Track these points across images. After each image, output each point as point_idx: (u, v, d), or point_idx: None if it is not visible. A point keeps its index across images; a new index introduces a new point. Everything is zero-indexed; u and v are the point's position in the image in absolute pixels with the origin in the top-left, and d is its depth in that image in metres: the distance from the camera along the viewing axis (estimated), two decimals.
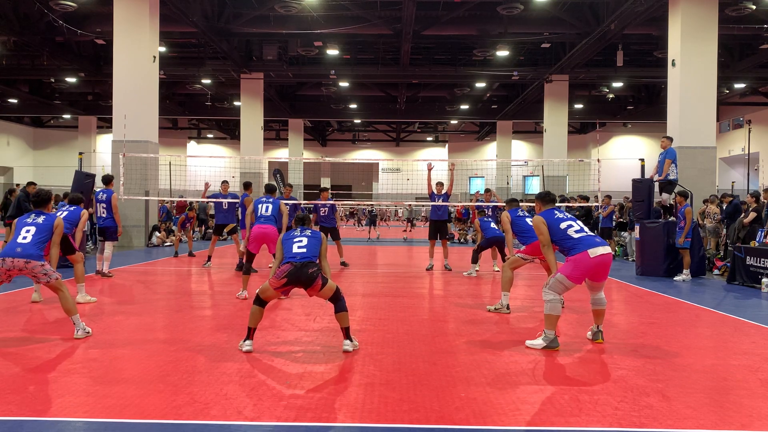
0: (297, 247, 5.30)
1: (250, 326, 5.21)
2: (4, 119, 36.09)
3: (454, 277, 10.93)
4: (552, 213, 5.70)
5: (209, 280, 10.30)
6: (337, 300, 5.24)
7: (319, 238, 5.43)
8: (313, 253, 5.28)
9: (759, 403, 4.01)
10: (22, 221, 5.66)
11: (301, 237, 5.39)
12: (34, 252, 5.39)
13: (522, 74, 24.17)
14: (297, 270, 5.09)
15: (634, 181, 12.20)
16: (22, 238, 5.45)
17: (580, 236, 5.46)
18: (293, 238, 5.40)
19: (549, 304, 5.39)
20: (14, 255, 5.32)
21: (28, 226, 5.55)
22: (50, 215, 5.75)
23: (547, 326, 5.40)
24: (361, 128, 43.21)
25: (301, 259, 5.16)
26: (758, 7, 16.29)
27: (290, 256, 5.21)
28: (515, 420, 3.64)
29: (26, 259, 5.33)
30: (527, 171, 38.23)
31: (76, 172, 12.56)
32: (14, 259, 5.30)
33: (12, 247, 5.38)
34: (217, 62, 23.71)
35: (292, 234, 5.47)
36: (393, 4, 18.44)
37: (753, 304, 8.27)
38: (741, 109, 31.94)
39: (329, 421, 3.60)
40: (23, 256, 5.33)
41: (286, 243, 5.39)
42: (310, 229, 5.59)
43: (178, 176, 22.97)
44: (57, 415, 3.62)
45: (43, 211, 5.82)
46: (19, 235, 5.49)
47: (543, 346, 5.37)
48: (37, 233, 5.52)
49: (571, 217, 5.75)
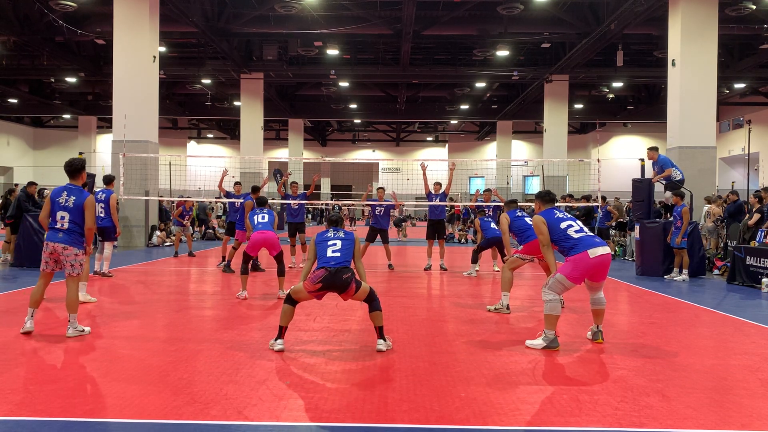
0: (331, 252, 5.34)
1: (281, 325, 5.24)
2: (4, 119, 36.07)
3: (453, 277, 10.93)
4: (552, 212, 5.71)
5: (210, 280, 10.29)
6: (371, 300, 5.34)
7: (352, 240, 5.47)
8: (347, 257, 5.34)
9: (759, 403, 4.01)
10: (56, 201, 5.70)
11: (335, 240, 5.42)
12: (72, 239, 5.65)
13: (522, 74, 24.16)
14: (331, 276, 5.15)
15: (634, 181, 12.20)
16: (60, 225, 5.64)
17: (579, 236, 5.47)
18: (327, 240, 5.43)
19: (549, 304, 5.41)
20: (56, 240, 5.62)
21: (61, 211, 5.66)
22: (81, 194, 5.75)
23: (547, 326, 5.41)
24: (361, 128, 43.20)
25: (335, 265, 5.21)
26: (758, 7, 16.28)
27: (324, 261, 5.26)
28: (515, 420, 3.64)
29: (64, 245, 5.61)
30: (527, 171, 38.20)
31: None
32: (55, 244, 5.61)
33: (54, 233, 5.64)
34: (217, 62, 23.70)
35: (326, 236, 5.50)
36: (393, 4, 18.43)
37: (753, 304, 8.27)
38: (741, 109, 31.92)
39: (329, 421, 3.60)
40: (63, 241, 5.62)
41: (320, 245, 5.43)
42: (343, 230, 5.63)
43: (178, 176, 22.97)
44: (57, 415, 3.62)
45: (76, 186, 5.82)
46: (56, 221, 5.65)
47: (543, 346, 5.39)
48: (71, 219, 5.66)
49: (570, 216, 5.76)
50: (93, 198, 5.87)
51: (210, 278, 10.47)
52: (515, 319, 6.86)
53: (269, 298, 8.17)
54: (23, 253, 11.26)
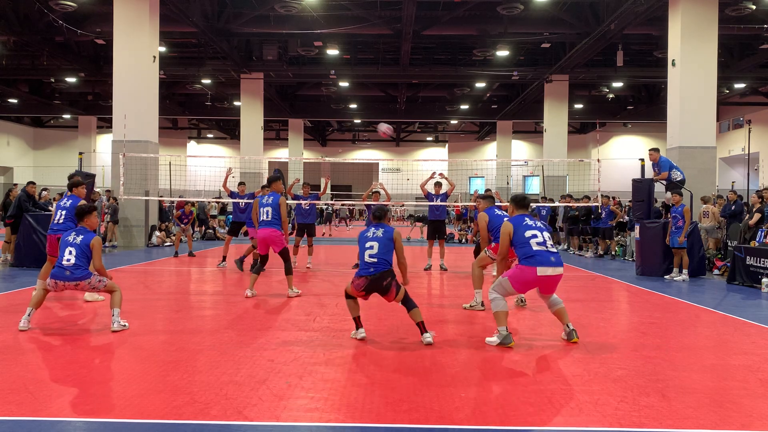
0: (368, 256, 5.47)
1: (354, 316, 5.69)
2: (4, 119, 36.05)
3: (453, 277, 10.93)
4: (522, 218, 5.74)
5: (210, 280, 10.30)
6: (407, 302, 5.53)
7: (391, 238, 5.52)
8: (386, 258, 5.46)
9: (759, 403, 4.01)
10: (65, 240, 5.95)
11: (372, 242, 5.48)
12: (79, 274, 5.81)
13: (522, 74, 24.16)
14: (371, 284, 5.44)
15: (635, 181, 12.20)
16: (67, 260, 5.81)
17: (537, 249, 5.49)
18: (366, 240, 5.53)
19: (493, 302, 5.54)
20: (64, 278, 5.79)
21: (70, 247, 5.87)
22: (88, 235, 5.97)
23: (498, 324, 5.49)
24: (361, 128, 43.20)
25: (373, 272, 5.41)
26: (758, 7, 16.28)
27: (364, 268, 5.45)
28: (515, 420, 3.64)
29: (75, 282, 5.81)
30: (527, 171, 38.21)
31: (76, 172, 12.56)
32: (65, 282, 5.81)
33: (61, 271, 5.80)
34: (217, 62, 23.70)
35: (366, 234, 5.61)
36: (393, 4, 18.43)
37: (753, 304, 8.26)
38: (741, 109, 31.93)
39: (329, 421, 3.60)
40: (71, 279, 5.80)
41: (361, 243, 5.60)
42: (384, 226, 5.64)
43: (178, 176, 22.98)
44: (57, 415, 3.62)
45: (83, 228, 6.06)
46: (63, 257, 5.84)
47: (497, 342, 5.46)
48: (79, 254, 5.84)
49: (540, 227, 5.71)
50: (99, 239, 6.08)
51: (210, 278, 10.47)
52: (515, 320, 6.86)
53: (269, 298, 8.17)
54: (23, 253, 11.26)
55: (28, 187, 12.09)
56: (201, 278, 10.54)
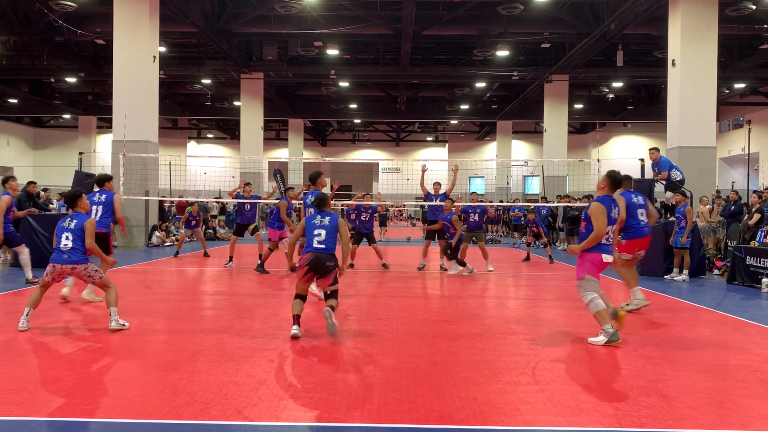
0: (317, 242, 5.83)
1: (294, 314, 5.72)
2: (4, 119, 36.04)
3: (453, 277, 10.92)
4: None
5: (211, 280, 10.29)
6: (333, 294, 5.86)
7: (335, 227, 5.87)
8: (332, 245, 5.86)
9: (759, 403, 4.01)
10: (60, 225, 6.07)
11: (320, 229, 5.85)
12: (77, 257, 5.94)
13: (522, 74, 24.15)
14: (317, 260, 5.75)
15: (635, 181, 12.18)
16: (64, 245, 5.94)
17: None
18: (314, 227, 5.88)
19: (591, 304, 5.62)
20: (62, 262, 5.91)
21: (66, 232, 6.00)
22: (81, 217, 6.11)
23: (602, 323, 5.56)
24: (361, 128, 43.20)
25: (321, 251, 5.79)
26: (758, 7, 16.28)
27: (312, 247, 5.81)
28: (515, 420, 3.64)
29: (72, 265, 5.92)
30: (527, 171, 38.20)
31: (76, 172, 12.58)
32: (63, 266, 5.92)
33: (59, 254, 5.94)
34: (217, 62, 23.70)
35: (313, 222, 5.93)
36: (393, 4, 18.43)
37: (753, 304, 8.27)
38: (741, 109, 31.92)
39: (329, 421, 3.60)
40: (69, 262, 5.91)
41: (308, 229, 5.94)
42: (329, 215, 5.98)
43: (178, 176, 22.98)
44: (57, 415, 3.62)
45: (77, 212, 6.21)
46: (60, 242, 5.96)
47: (605, 341, 5.51)
48: (75, 238, 5.96)
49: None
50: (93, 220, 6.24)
51: (210, 278, 10.47)
52: (516, 320, 6.86)
53: (270, 298, 8.17)
54: None
55: (28, 186, 12.08)
56: (203, 278, 10.53)
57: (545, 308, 7.76)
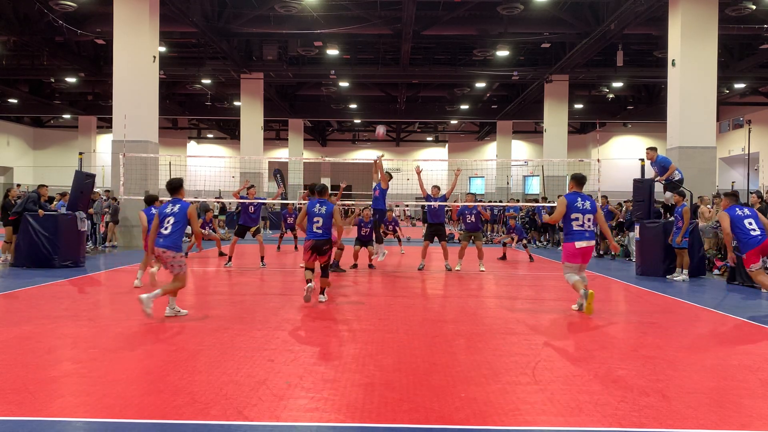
0: (315, 228, 7.52)
1: (307, 278, 7.46)
2: (4, 119, 36.04)
3: (453, 277, 10.92)
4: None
5: (210, 280, 10.29)
6: (326, 269, 7.73)
7: (330, 215, 7.50)
8: (328, 230, 7.52)
9: (759, 403, 4.01)
10: (163, 211, 6.47)
11: (318, 216, 7.48)
12: (171, 243, 6.36)
13: (522, 74, 24.15)
14: (316, 243, 7.51)
15: (635, 181, 12.19)
16: (164, 229, 6.37)
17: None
18: (313, 215, 7.52)
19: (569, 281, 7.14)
20: (159, 245, 6.35)
21: (168, 216, 6.42)
22: (184, 204, 6.54)
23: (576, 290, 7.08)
24: (361, 128, 43.18)
25: (320, 237, 7.50)
26: (758, 7, 16.28)
27: (312, 235, 7.49)
28: (515, 420, 3.64)
29: (163, 249, 6.35)
30: (527, 171, 38.20)
31: (76, 172, 12.56)
32: (158, 249, 6.36)
33: (158, 238, 6.40)
34: (217, 62, 23.70)
35: (313, 209, 7.54)
36: (393, 4, 18.43)
37: (753, 304, 8.27)
38: (741, 109, 31.92)
39: (329, 421, 3.60)
40: (162, 246, 6.34)
41: (309, 216, 7.58)
42: (326, 203, 7.58)
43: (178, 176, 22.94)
44: (57, 415, 3.62)
45: (179, 199, 6.62)
46: (162, 226, 6.38)
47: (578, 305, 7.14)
48: (175, 223, 6.39)
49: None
50: (194, 206, 6.69)
51: (211, 278, 10.47)
52: (515, 320, 6.86)
53: (269, 298, 8.17)
54: (23, 253, 11.25)
55: (41, 189, 12.12)
56: (203, 278, 10.53)
57: (545, 308, 7.75)
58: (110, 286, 9.34)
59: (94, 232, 15.81)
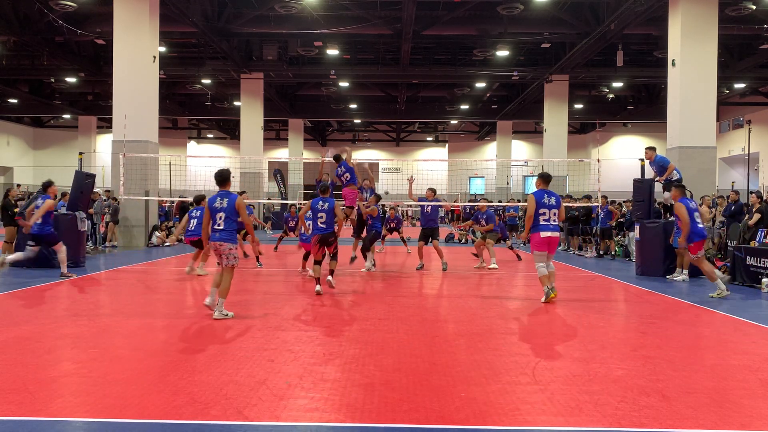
0: (320, 223, 8.26)
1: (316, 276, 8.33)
2: (4, 119, 36.05)
3: (453, 277, 10.93)
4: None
5: (210, 280, 10.28)
6: (335, 255, 8.63)
7: (333, 210, 8.12)
8: (331, 224, 8.29)
9: (759, 403, 4.01)
10: (213, 206, 6.69)
11: (322, 212, 8.14)
12: (225, 237, 6.65)
13: (522, 74, 24.15)
14: (322, 236, 8.29)
15: (635, 181, 12.19)
16: (218, 225, 6.66)
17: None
18: (317, 211, 8.20)
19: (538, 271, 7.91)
20: (214, 239, 6.66)
21: (219, 212, 6.66)
22: (232, 196, 6.74)
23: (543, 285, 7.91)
24: (361, 128, 43.19)
25: (324, 231, 8.28)
26: (758, 7, 16.29)
27: (317, 228, 8.21)
28: (515, 420, 3.64)
29: (219, 242, 6.65)
30: (527, 171, 38.21)
31: (76, 172, 12.57)
32: (215, 243, 6.68)
33: (213, 233, 6.70)
34: (217, 62, 23.70)
35: (316, 206, 8.21)
36: (393, 4, 18.44)
37: (753, 304, 8.27)
38: (741, 109, 31.92)
39: (329, 421, 3.60)
40: (218, 240, 6.65)
41: (314, 212, 8.31)
42: (328, 200, 8.19)
43: (178, 176, 22.98)
44: (57, 415, 3.62)
45: (227, 191, 6.79)
46: (215, 221, 6.67)
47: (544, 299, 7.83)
48: (227, 219, 6.65)
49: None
50: (242, 198, 6.90)
51: (210, 278, 10.45)
52: (515, 320, 6.86)
53: (269, 298, 8.17)
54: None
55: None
56: (203, 278, 10.52)
57: (545, 308, 7.75)
58: (110, 286, 9.34)
59: (94, 232, 15.81)
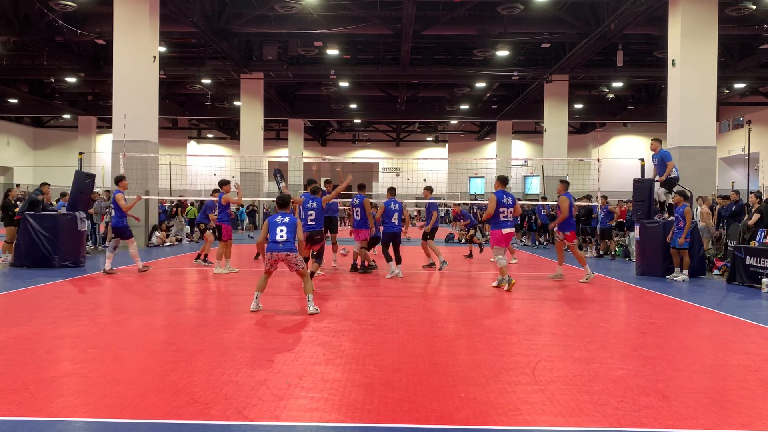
0: (309, 220, 8.44)
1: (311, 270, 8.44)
2: (4, 119, 36.03)
3: (453, 276, 10.93)
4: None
5: (209, 280, 10.29)
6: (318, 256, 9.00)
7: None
8: (320, 223, 8.61)
9: (759, 403, 4.02)
10: (274, 221, 7.16)
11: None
12: (290, 247, 7.04)
13: (522, 74, 24.14)
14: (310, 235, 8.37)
15: (635, 181, 12.19)
16: (280, 237, 7.04)
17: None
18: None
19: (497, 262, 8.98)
20: (278, 250, 7.02)
21: (280, 226, 7.12)
22: (292, 216, 7.30)
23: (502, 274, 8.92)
24: (361, 128, 43.18)
25: (312, 229, 8.55)
26: (758, 7, 16.27)
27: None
28: (515, 420, 3.64)
29: (286, 253, 7.02)
30: (527, 171, 38.20)
31: (76, 172, 12.56)
32: (279, 253, 7.02)
33: (275, 245, 7.03)
34: (217, 62, 23.69)
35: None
36: (393, 4, 18.43)
37: (753, 304, 8.27)
38: (741, 109, 31.92)
39: (329, 421, 3.60)
40: (283, 250, 7.03)
41: (304, 210, 8.51)
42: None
43: (178, 176, 22.98)
44: (57, 415, 3.62)
45: (286, 212, 7.36)
46: (276, 234, 7.06)
47: (499, 282, 9.00)
48: (289, 231, 7.09)
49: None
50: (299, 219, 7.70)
51: (210, 278, 10.46)
52: (515, 320, 6.86)
53: (269, 298, 8.17)
54: (23, 253, 11.25)
55: (42, 187, 12.19)
56: (201, 278, 10.52)
57: (545, 308, 7.76)
58: (110, 286, 9.34)
59: (94, 232, 15.81)
